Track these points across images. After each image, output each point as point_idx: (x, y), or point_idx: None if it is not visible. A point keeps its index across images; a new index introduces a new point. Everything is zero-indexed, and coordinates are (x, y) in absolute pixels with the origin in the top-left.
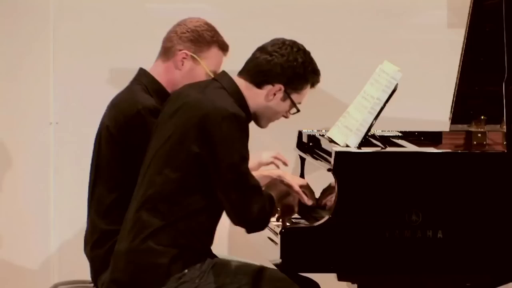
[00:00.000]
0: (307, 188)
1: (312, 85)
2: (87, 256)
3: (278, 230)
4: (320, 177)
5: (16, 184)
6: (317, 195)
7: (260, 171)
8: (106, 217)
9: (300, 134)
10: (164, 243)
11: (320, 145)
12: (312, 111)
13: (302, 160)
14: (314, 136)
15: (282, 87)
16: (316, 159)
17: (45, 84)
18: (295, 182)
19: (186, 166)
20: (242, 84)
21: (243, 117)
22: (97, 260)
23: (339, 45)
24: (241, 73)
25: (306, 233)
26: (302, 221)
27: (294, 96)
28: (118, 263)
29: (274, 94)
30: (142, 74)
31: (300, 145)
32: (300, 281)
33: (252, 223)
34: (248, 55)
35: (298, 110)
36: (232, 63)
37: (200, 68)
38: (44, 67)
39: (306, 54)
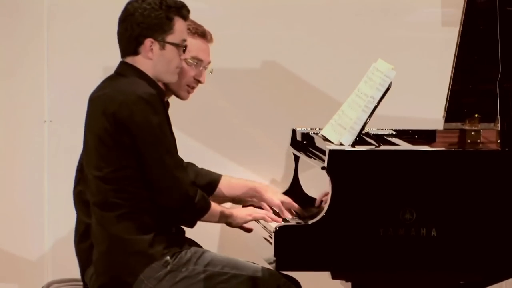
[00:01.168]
0: (288, 204)
1: (183, 18)
2: (75, 251)
3: (272, 229)
4: (314, 175)
5: (10, 182)
6: (311, 193)
7: (248, 181)
8: (89, 211)
9: (294, 132)
10: (134, 232)
11: (314, 143)
12: (306, 109)
13: (296, 158)
14: (308, 134)
15: (151, 39)
16: (310, 157)
17: (39, 82)
18: (277, 197)
19: (120, 159)
20: (131, 62)
21: (153, 96)
22: (83, 254)
23: (333, 43)
24: (122, 55)
25: (300, 231)
26: (296, 219)
27: (171, 38)
28: (100, 267)
29: (151, 50)
30: None
31: (294, 143)
32: (285, 279)
33: (176, 209)
34: (243, 53)
35: (185, 47)
36: (229, 62)
37: None
38: (38, 65)
39: None
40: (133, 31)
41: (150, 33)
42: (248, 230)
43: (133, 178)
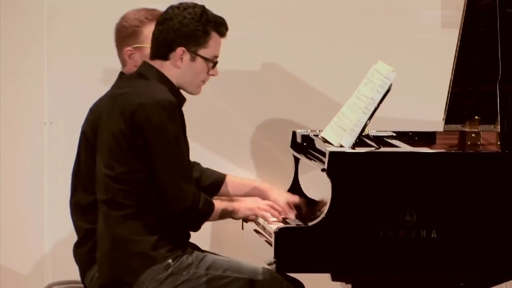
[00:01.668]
0: (294, 203)
1: (220, 34)
2: (74, 256)
3: (272, 230)
4: (314, 177)
5: (10, 184)
6: (311, 195)
7: (252, 180)
8: (87, 217)
9: (294, 134)
10: (138, 232)
11: (314, 145)
12: (306, 111)
13: (296, 160)
14: (308, 136)
15: (183, 48)
16: (310, 159)
17: (39, 84)
18: (282, 198)
19: (131, 161)
20: (159, 66)
21: (172, 103)
22: (82, 258)
23: (333, 45)
24: (151, 57)
25: (300, 232)
26: (296, 221)
27: (203, 51)
28: (102, 266)
29: (181, 59)
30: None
31: (294, 145)
32: (287, 281)
33: (182, 214)
34: (242, 54)
35: (215, 63)
36: (229, 64)
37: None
38: (38, 67)
39: (195, 9)
40: (167, 36)
41: (183, 42)
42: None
43: (143, 181)
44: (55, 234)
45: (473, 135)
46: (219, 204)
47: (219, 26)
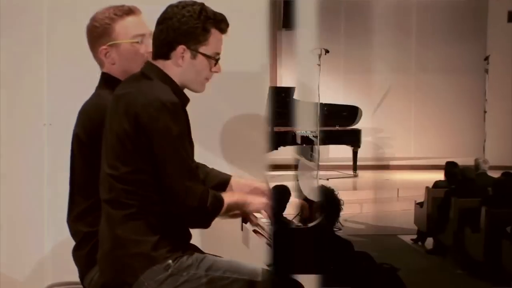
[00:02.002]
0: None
1: (220, 31)
2: (73, 259)
3: (271, 232)
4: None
5: (9, 186)
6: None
7: (256, 182)
8: (85, 221)
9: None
10: (140, 233)
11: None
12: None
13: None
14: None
15: (184, 47)
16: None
17: (38, 85)
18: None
19: (135, 161)
20: (161, 66)
21: (176, 104)
22: (81, 261)
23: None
24: (153, 57)
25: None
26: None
27: (204, 49)
28: (103, 266)
29: (182, 57)
30: (108, 80)
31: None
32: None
33: (189, 213)
34: (241, 55)
35: (217, 60)
36: (229, 64)
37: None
38: (38, 68)
39: (194, 6)
40: (167, 35)
41: (183, 40)
42: (252, 222)
43: (146, 182)
44: (55, 235)
45: None
46: (229, 198)
47: (219, 22)
